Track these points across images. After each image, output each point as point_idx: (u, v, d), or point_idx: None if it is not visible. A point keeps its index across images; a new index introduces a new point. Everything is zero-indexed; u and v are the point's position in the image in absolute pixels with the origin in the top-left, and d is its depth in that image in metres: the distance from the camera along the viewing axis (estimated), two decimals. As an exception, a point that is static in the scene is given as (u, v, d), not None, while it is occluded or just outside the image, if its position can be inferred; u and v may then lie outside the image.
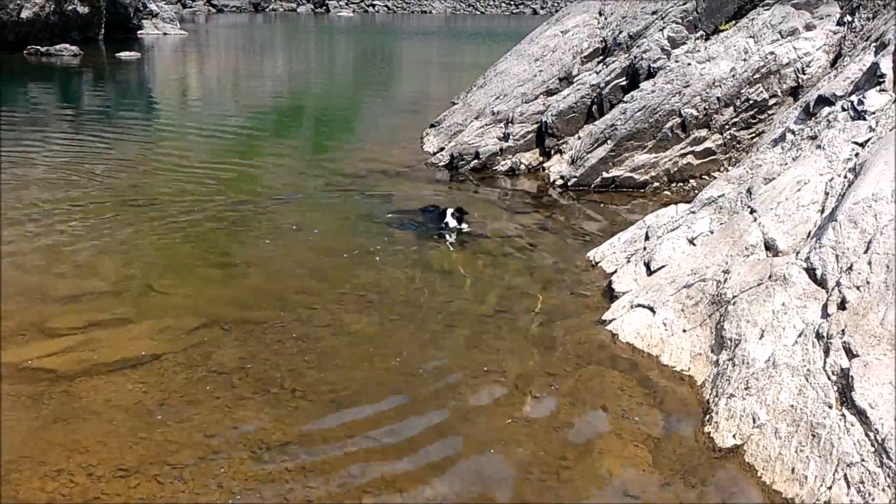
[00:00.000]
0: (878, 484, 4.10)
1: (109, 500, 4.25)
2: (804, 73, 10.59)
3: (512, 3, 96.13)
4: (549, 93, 13.05)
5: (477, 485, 4.51)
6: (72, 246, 8.28)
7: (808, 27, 10.86)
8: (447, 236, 9.19)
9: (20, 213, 9.34)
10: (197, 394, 5.37)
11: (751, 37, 11.27)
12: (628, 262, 7.69)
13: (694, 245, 7.19)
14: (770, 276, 5.85)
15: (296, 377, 5.65)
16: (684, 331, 6.14)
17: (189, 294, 7.24)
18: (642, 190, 11.10)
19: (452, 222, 9.26)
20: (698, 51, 11.65)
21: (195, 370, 5.69)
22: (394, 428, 5.07)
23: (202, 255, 8.37)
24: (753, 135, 10.87)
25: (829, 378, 4.79)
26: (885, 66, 7.29)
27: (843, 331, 4.95)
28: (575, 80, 12.91)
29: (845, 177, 6.35)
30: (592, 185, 11.26)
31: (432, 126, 14.67)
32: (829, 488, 4.25)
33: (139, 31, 38.58)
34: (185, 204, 10.12)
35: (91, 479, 4.42)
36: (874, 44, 8.34)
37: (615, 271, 7.69)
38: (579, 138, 12.05)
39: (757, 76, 10.85)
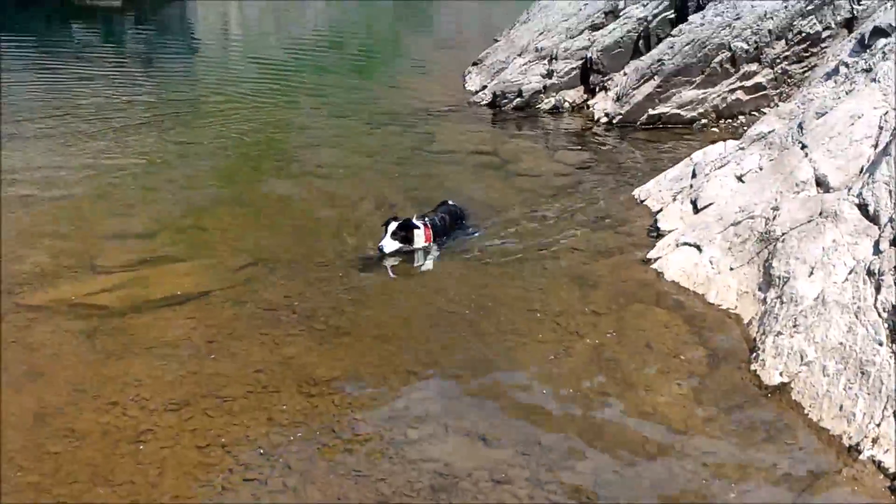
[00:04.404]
0: (928, 422, 4.05)
1: (161, 433, 4.36)
2: (859, 4, 10.22)
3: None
4: (595, 27, 12.74)
5: (520, 419, 4.54)
6: (119, 185, 8.39)
7: (866, -45, 10.43)
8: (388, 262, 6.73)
9: (68, 150, 9.47)
10: (245, 330, 5.45)
11: (805, -34, 10.86)
12: (674, 200, 7.57)
13: (742, 182, 7.04)
14: (821, 213, 5.72)
15: (340, 314, 5.71)
16: (731, 269, 6.06)
17: (235, 233, 7.31)
18: (689, 127, 10.89)
19: (390, 245, 6.65)
20: (750, -19, 11.27)
21: (242, 307, 5.78)
22: (437, 363, 5.12)
23: (247, 195, 8.45)
24: (805, 69, 10.54)
25: (879, 315, 4.70)
26: (948, -7, 6.99)
27: (895, 267, 4.84)
28: (621, 13, 12.59)
29: (902, 110, 6.15)
30: (638, 123, 11.06)
31: (474, 64, 14.46)
32: (878, 425, 4.20)
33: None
34: (228, 144, 10.19)
35: (144, 412, 4.53)
36: (936, -29, 7.99)
37: (661, 209, 7.59)
38: (625, 74, 11.80)
39: (810, 7, 10.48)
